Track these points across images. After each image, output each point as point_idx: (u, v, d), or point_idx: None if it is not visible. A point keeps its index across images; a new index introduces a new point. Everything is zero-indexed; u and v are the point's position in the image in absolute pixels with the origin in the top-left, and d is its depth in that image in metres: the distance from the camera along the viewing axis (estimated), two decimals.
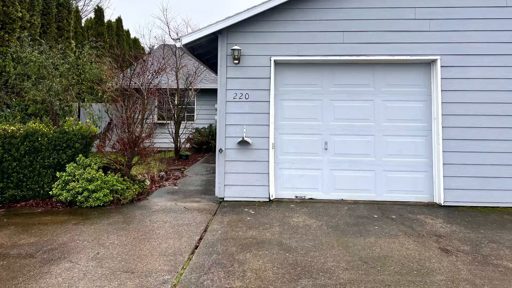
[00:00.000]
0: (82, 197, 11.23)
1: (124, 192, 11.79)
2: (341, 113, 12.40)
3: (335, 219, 10.10)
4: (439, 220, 10.15)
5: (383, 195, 12.14)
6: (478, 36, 11.81)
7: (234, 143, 12.11)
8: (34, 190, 11.99)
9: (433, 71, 12.07)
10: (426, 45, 11.90)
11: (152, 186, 13.96)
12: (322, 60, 12.27)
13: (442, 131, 11.76)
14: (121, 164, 12.88)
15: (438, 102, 11.79)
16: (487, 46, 11.78)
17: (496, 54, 11.73)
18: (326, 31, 12.13)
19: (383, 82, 12.38)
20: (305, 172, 12.41)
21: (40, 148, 12.01)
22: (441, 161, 11.71)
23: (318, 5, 12.16)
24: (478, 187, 11.59)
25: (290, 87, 12.55)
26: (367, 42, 12.03)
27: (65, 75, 16.65)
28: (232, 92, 12.17)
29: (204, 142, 24.96)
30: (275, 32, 12.25)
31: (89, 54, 18.14)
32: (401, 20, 11.99)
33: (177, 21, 68.18)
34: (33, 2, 21.27)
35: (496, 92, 11.69)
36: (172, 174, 16.54)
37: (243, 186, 12.07)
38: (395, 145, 12.22)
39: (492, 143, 11.65)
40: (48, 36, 22.52)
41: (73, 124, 12.62)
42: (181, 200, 12.21)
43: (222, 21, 12.02)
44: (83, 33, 30.23)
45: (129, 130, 12.92)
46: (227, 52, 12.26)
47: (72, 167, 11.73)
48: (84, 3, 44.11)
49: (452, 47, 11.84)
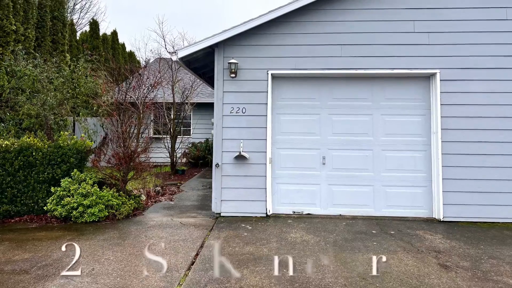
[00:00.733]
0: (77, 212, 11.25)
1: (120, 208, 11.80)
2: (339, 128, 12.43)
3: (333, 235, 10.11)
4: (438, 235, 10.18)
5: (381, 210, 12.16)
6: (478, 50, 11.84)
7: (231, 158, 12.14)
8: (29, 205, 12.00)
9: (432, 85, 12.12)
10: (425, 58, 11.94)
11: (148, 201, 13.98)
12: (320, 74, 12.30)
13: (442, 146, 11.78)
14: (117, 179, 12.88)
15: (438, 117, 11.83)
16: (487, 60, 11.80)
17: (497, 67, 11.76)
18: (324, 44, 12.17)
19: (382, 96, 12.43)
20: (303, 187, 12.43)
21: (34, 163, 12.04)
22: (440, 176, 11.74)
23: (316, 18, 12.22)
24: (478, 203, 11.61)
25: (288, 101, 12.59)
26: (365, 55, 12.07)
27: (59, 89, 16.67)
28: (229, 106, 12.20)
29: (201, 156, 24.99)
30: (272, 45, 12.29)
31: (84, 67, 18.18)
32: (400, 33, 12.04)
33: (173, 34, 68.22)
34: (28, 15, 21.35)
35: (497, 106, 11.72)
36: (168, 189, 16.55)
37: (240, 201, 12.07)
38: (394, 160, 12.26)
39: (493, 158, 11.68)
40: (42, 50, 22.60)
41: (68, 138, 12.65)
42: (177, 215, 12.23)
43: (219, 34, 12.07)
44: (78, 46, 30.31)
45: (125, 145, 12.94)
46: (223, 66, 12.30)
47: (67, 182, 11.75)
48: (79, 16, 44.19)
49: (452, 61, 11.87)
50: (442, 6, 11.98)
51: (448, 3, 11.96)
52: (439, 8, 11.98)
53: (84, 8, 45.05)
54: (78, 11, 44.39)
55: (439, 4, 11.98)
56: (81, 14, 44.73)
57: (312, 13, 12.21)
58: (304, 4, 11.95)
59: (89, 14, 45.55)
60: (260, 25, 12.14)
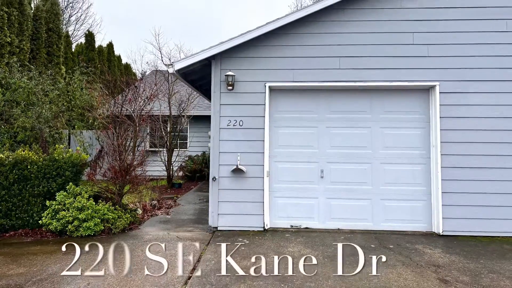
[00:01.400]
0: (73, 226, 11.25)
1: (116, 222, 11.80)
2: (337, 141, 12.46)
3: (331, 249, 10.12)
4: (437, 250, 10.19)
5: (380, 224, 12.17)
6: (478, 62, 11.87)
7: (228, 171, 12.16)
8: (23, 219, 12.02)
9: (431, 98, 12.15)
10: (425, 70, 11.96)
11: (144, 215, 13.98)
12: (318, 86, 12.33)
13: (441, 159, 11.80)
14: (113, 192, 12.89)
15: (437, 129, 11.86)
16: (487, 72, 11.82)
17: (497, 80, 11.79)
18: (322, 56, 12.20)
19: (381, 108, 12.46)
20: (301, 200, 12.44)
21: (29, 176, 12.06)
22: (440, 190, 11.75)
23: (314, 29, 12.26)
24: (478, 216, 11.61)
25: (286, 113, 12.62)
26: (364, 67, 12.09)
27: (55, 101, 16.71)
28: (226, 119, 12.23)
29: (197, 170, 24.97)
30: (270, 57, 12.32)
31: (79, 80, 18.24)
32: (399, 45, 12.07)
33: (169, 46, 68.49)
34: (23, 27, 21.42)
35: (497, 119, 11.74)
36: (164, 203, 16.55)
37: (237, 215, 12.08)
38: (393, 173, 12.28)
39: (493, 171, 11.69)
40: (37, 62, 22.66)
41: (63, 151, 12.68)
42: (173, 229, 12.23)
43: (216, 46, 12.10)
44: (74, 58, 30.38)
45: (121, 158, 12.96)
46: (220, 78, 12.32)
47: (62, 196, 11.76)
48: (74, 28, 44.21)
49: (451, 73, 11.89)
50: (441, 18, 12.02)
51: (448, 15, 12.00)
52: (438, 20, 12.02)
53: (79, 20, 45.14)
54: (74, 22, 44.49)
55: (438, 16, 12.03)
56: (77, 26, 44.80)
57: (310, 25, 12.27)
58: (302, 16, 12.01)
59: (84, 25, 45.63)
60: (258, 37, 12.18)
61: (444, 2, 12.04)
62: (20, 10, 21.37)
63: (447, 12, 12.03)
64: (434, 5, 12.06)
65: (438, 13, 12.04)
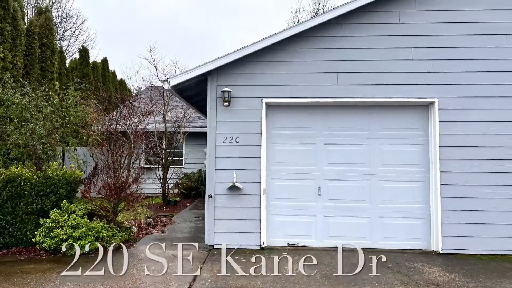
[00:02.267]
0: (67, 244, 11.28)
1: (110, 240, 11.84)
2: (335, 158, 12.51)
3: (329, 267, 10.16)
4: (437, 268, 10.23)
5: (378, 242, 12.18)
6: (478, 78, 11.90)
7: (224, 189, 12.19)
8: (17, 237, 12.02)
9: (430, 114, 12.19)
10: (424, 86, 12.01)
11: (139, 233, 13.98)
12: (315, 102, 12.39)
13: (440, 176, 11.83)
14: (107, 210, 12.93)
15: (436, 146, 11.90)
16: (487, 88, 11.86)
17: (497, 96, 11.82)
18: (320, 72, 12.25)
19: (379, 125, 12.51)
20: (298, 218, 12.47)
21: (23, 194, 12.09)
22: (439, 207, 11.77)
23: (312, 45, 12.34)
24: (478, 234, 11.63)
25: (283, 130, 12.66)
26: (362, 83, 12.14)
27: (48, 118, 16.74)
28: (222, 136, 12.28)
29: (193, 187, 24.96)
30: (267, 73, 12.38)
31: (73, 96, 18.26)
32: (397, 61, 12.13)
33: (165, 62, 68.46)
34: (16, 42, 21.46)
35: (497, 136, 11.77)
36: (160, 220, 16.55)
37: (233, 233, 12.10)
38: (391, 191, 12.31)
39: (493, 189, 11.71)
40: (31, 77, 22.67)
41: (57, 169, 12.72)
42: (169, 247, 12.24)
43: (212, 61, 12.15)
44: (68, 74, 30.40)
45: (115, 175, 13.01)
46: (217, 94, 12.36)
47: (56, 214, 11.78)
48: (68, 43, 44.27)
49: (451, 89, 11.93)
50: (440, 33, 12.10)
51: (447, 29, 12.08)
52: (437, 35, 12.09)
53: (73, 35, 45.15)
54: (68, 38, 44.53)
55: (437, 31, 12.10)
56: (71, 41, 44.85)
57: (307, 40, 12.34)
58: (299, 31, 12.09)
59: (78, 41, 45.55)
60: (254, 53, 12.24)
61: (443, 18, 12.11)
62: (14, 25, 21.42)
63: (446, 28, 12.10)
64: (433, 20, 12.14)
65: (438, 28, 12.11)
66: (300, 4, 65.79)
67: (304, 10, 50.13)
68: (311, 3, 49.12)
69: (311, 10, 48.41)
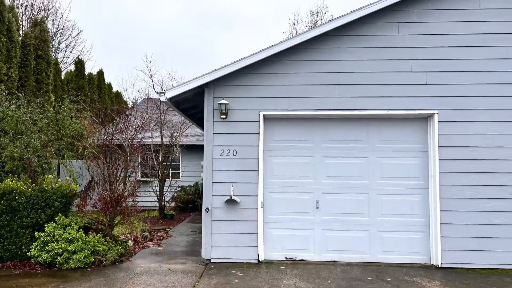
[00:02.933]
0: (62, 258, 11.28)
1: (106, 253, 11.84)
2: (333, 170, 12.54)
3: (327, 282, 10.18)
4: (436, 282, 10.25)
5: (377, 256, 12.20)
6: (477, 90, 11.93)
7: (221, 202, 12.20)
8: (12, 251, 12.03)
9: (430, 126, 12.22)
10: (423, 99, 12.03)
11: (135, 247, 14.00)
12: (313, 115, 12.43)
13: (440, 189, 11.84)
14: (103, 224, 12.94)
15: (436, 159, 11.92)
16: (487, 100, 11.88)
17: (497, 108, 11.85)
18: (318, 84, 12.29)
19: (378, 137, 12.54)
20: (296, 232, 12.48)
21: (17, 207, 12.11)
22: (438, 221, 11.78)
23: (310, 57, 12.38)
24: (477, 248, 11.64)
25: (280, 143, 12.70)
26: (361, 95, 12.17)
27: (44, 130, 16.74)
28: (219, 149, 12.31)
29: (190, 200, 24.95)
30: (264, 85, 12.41)
31: (69, 108, 18.25)
32: (396, 73, 12.15)
33: (161, 74, 68.77)
34: (11, 54, 21.52)
35: (497, 149, 11.80)
36: (156, 234, 16.56)
37: (230, 247, 12.11)
38: (390, 204, 12.33)
39: (493, 202, 11.72)
40: (26, 90, 22.67)
41: (52, 182, 12.74)
42: (165, 261, 12.27)
43: (209, 74, 12.18)
44: (63, 86, 30.42)
45: (111, 188, 13.03)
46: (214, 107, 12.38)
47: (52, 227, 11.80)
48: (64, 55, 44.32)
49: (450, 101, 11.96)
50: (440, 44, 12.14)
51: (446, 41, 12.13)
52: (437, 46, 12.14)
53: (69, 47, 45.17)
54: (63, 49, 44.59)
55: (437, 42, 12.15)
56: (66, 53, 44.89)
57: (305, 52, 12.38)
58: (297, 42, 12.14)
59: (74, 53, 45.54)
60: (252, 64, 12.27)
61: (442, 29, 12.17)
62: (8, 37, 21.49)
63: (446, 39, 12.14)
64: (432, 32, 12.19)
65: (437, 40, 12.15)
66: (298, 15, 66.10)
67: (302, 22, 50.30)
68: (309, 15, 49.05)
69: (309, 21, 48.53)
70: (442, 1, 12.23)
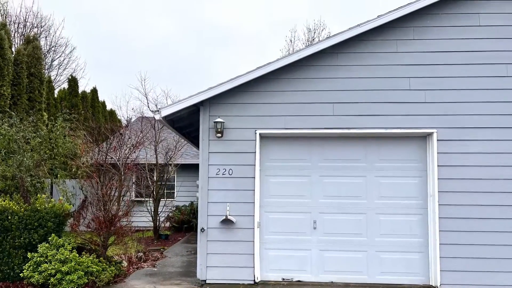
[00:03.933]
0: (55, 279, 11.26)
1: (100, 274, 11.82)
2: (331, 190, 12.55)
3: None
4: None
5: (375, 277, 12.19)
6: (477, 108, 11.94)
7: (217, 222, 12.20)
8: (4, 271, 12.02)
9: (429, 145, 12.24)
10: (422, 117, 12.05)
11: (129, 268, 13.99)
12: (310, 134, 12.44)
13: (439, 209, 11.84)
14: (97, 244, 12.95)
15: (435, 178, 11.93)
16: (487, 119, 11.89)
17: (498, 127, 11.87)
18: (315, 102, 12.32)
19: (376, 156, 12.56)
20: (293, 252, 12.47)
21: (10, 227, 12.10)
22: (437, 241, 11.79)
23: (307, 74, 12.41)
24: (477, 269, 11.62)
25: (277, 162, 12.71)
26: (358, 114, 12.19)
27: (37, 149, 16.74)
28: (215, 168, 12.33)
29: (185, 220, 24.90)
30: (261, 103, 12.45)
31: (62, 127, 18.26)
32: (395, 91, 12.19)
33: (156, 92, 68.70)
34: (3, 72, 21.52)
35: (498, 168, 11.81)
36: (151, 255, 16.56)
37: (226, 267, 12.10)
38: (389, 224, 12.33)
39: (493, 222, 11.72)
40: (18, 108, 22.65)
41: (45, 201, 12.75)
42: (160, 282, 12.27)
43: (204, 92, 12.19)
44: (56, 104, 30.35)
45: (105, 208, 13.03)
46: (209, 125, 12.39)
47: (44, 248, 11.79)
48: (57, 73, 44.26)
49: (450, 120, 11.98)
50: (439, 62, 12.18)
51: (446, 59, 12.17)
52: (436, 64, 12.18)
53: (62, 64, 45.11)
54: (56, 67, 44.52)
55: (436, 60, 12.19)
56: (59, 70, 44.84)
57: (302, 70, 12.42)
58: (294, 60, 12.18)
59: (67, 70, 45.45)
60: (248, 82, 12.28)
61: (442, 46, 12.22)
62: (0, 54, 21.48)
63: (445, 57, 12.18)
64: (431, 49, 12.25)
65: (436, 57, 12.20)
66: (294, 32, 65.95)
67: (299, 39, 50.32)
68: (306, 32, 49.18)
69: (306, 38, 48.72)
70: (441, 18, 12.28)
